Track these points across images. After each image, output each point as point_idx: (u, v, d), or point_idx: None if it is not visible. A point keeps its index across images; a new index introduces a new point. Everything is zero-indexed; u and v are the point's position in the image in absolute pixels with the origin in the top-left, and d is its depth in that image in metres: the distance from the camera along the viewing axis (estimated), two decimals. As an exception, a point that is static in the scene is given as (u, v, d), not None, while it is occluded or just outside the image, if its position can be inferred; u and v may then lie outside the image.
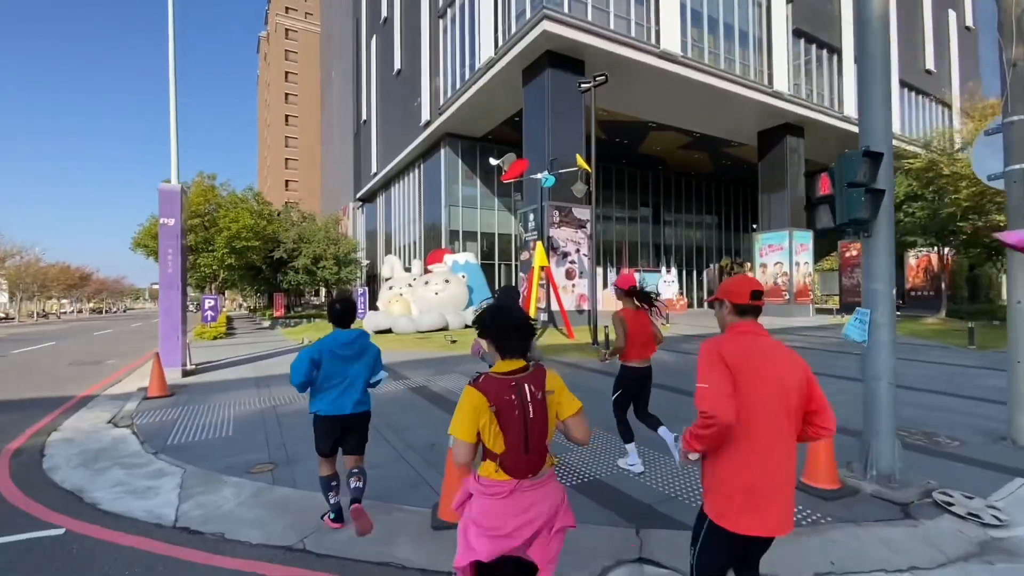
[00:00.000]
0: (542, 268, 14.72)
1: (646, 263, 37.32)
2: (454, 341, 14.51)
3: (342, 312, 3.58)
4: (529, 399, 1.94)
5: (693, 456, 2.03)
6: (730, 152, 33.78)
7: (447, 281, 19.33)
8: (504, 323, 2.05)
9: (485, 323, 2.08)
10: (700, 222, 41.83)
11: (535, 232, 19.30)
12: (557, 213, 19.06)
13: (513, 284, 28.91)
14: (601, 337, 13.63)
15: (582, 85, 13.99)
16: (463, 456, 1.93)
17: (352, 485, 3.52)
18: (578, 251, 19.68)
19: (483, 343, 2.16)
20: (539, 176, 14.79)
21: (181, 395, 8.32)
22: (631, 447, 4.60)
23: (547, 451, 2.01)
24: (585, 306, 18.96)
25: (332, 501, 3.53)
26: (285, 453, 5.19)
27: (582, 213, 19.72)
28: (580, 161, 14.90)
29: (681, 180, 40.10)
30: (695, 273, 41.03)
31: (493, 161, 15.30)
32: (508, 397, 1.92)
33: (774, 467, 1.91)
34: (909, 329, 18.19)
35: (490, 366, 2.14)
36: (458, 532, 2.02)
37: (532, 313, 14.25)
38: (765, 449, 1.91)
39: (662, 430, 4.47)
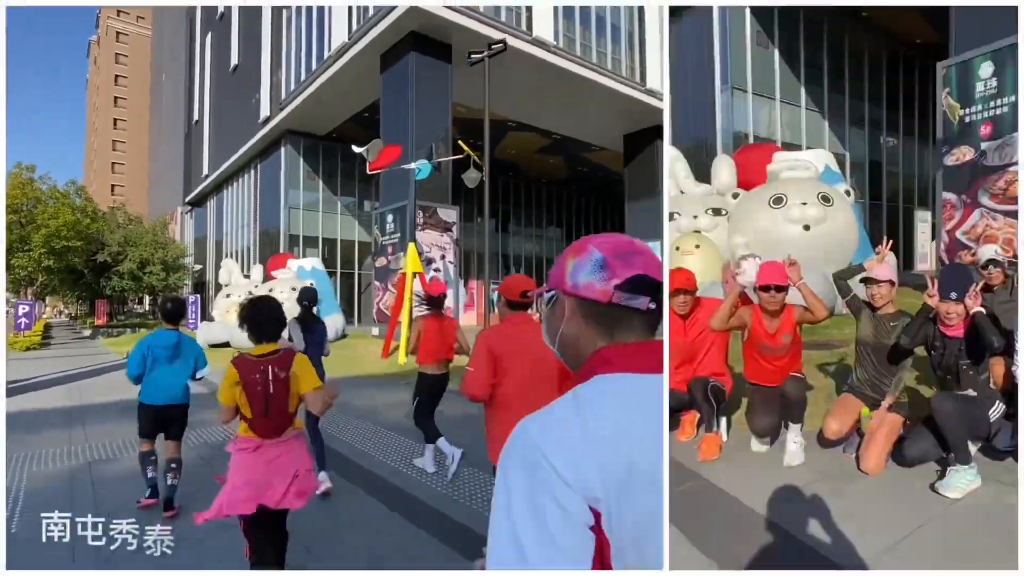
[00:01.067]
0: (415, 274, 13.49)
1: (494, 275, 37.10)
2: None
3: (172, 310, 4.12)
4: (271, 378, 2.36)
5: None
6: (589, 157, 32.55)
7: (294, 289, 17.22)
8: (260, 314, 2.48)
9: (245, 315, 2.48)
10: (550, 234, 39.98)
11: (395, 235, 18.00)
12: (421, 214, 17.54)
13: (363, 292, 27.28)
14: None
15: (473, 56, 12.91)
16: (224, 416, 2.43)
17: (168, 482, 3.80)
18: (443, 257, 18.61)
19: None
20: (412, 165, 13.37)
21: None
22: (430, 448, 4.62)
23: (290, 418, 2.47)
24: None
25: (150, 475, 3.79)
26: None
27: (448, 215, 18.85)
28: (464, 147, 14.11)
29: (532, 188, 38.59)
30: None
31: (356, 149, 13.39)
32: (254, 376, 2.35)
33: None
34: None
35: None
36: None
37: (405, 327, 12.74)
38: (530, 408, 2.35)
39: (441, 441, 4.47)
